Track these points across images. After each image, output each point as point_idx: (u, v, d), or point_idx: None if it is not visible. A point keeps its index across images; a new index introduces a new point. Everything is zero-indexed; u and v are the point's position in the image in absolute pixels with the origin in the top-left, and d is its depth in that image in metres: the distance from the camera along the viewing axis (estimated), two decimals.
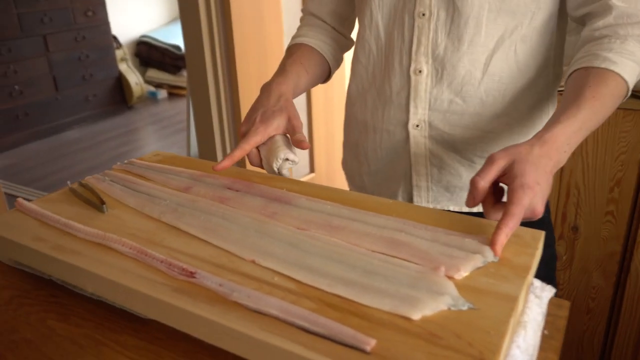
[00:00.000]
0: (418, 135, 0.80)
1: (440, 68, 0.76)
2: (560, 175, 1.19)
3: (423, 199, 0.84)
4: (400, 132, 0.82)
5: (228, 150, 2.08)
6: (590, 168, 1.16)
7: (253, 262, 0.55)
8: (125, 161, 0.82)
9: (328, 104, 2.38)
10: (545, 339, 0.52)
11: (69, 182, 0.75)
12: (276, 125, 0.76)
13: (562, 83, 0.75)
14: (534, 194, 0.57)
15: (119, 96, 4.46)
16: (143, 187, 0.73)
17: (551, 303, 0.57)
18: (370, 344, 0.43)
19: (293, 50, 0.90)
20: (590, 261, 1.23)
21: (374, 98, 0.85)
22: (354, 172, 0.94)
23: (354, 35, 0.94)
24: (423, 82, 0.78)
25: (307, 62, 0.88)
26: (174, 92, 4.90)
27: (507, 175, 0.60)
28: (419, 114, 0.79)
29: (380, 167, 0.87)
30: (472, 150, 0.80)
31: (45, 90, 3.85)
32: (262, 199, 0.67)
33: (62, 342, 0.55)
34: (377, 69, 0.83)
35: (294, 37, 0.93)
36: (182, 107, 4.65)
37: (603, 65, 0.66)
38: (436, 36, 0.75)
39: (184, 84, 4.81)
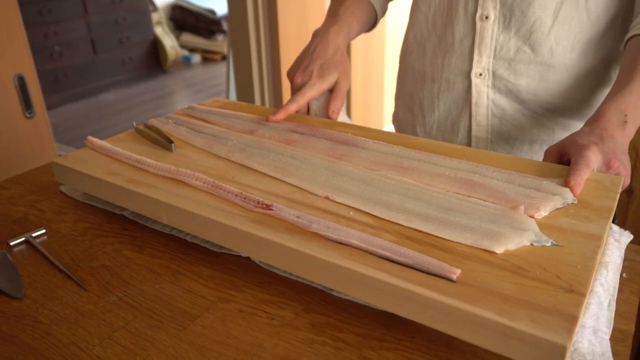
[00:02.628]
0: (480, 85, 0.79)
1: (509, 14, 0.74)
2: None
3: None
4: (461, 81, 0.81)
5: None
6: None
7: (327, 198, 0.55)
8: (186, 106, 0.83)
9: (367, 56, 2.34)
10: (624, 282, 0.52)
11: (134, 123, 0.76)
12: (331, 81, 0.77)
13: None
14: (590, 150, 0.57)
15: (154, 59, 4.48)
16: (208, 129, 0.73)
17: (628, 249, 0.56)
18: (456, 272, 0.43)
19: None
20: None
21: (434, 46, 0.83)
22: (407, 124, 0.93)
23: None
24: (489, 28, 0.76)
25: (357, 11, 0.87)
26: (207, 57, 4.90)
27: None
28: (483, 62, 0.78)
29: (437, 118, 0.86)
30: (536, 101, 0.78)
31: (83, 53, 3.90)
32: (329, 142, 0.67)
33: (139, 270, 0.57)
34: (439, 16, 0.81)
35: None
36: (215, 72, 4.65)
37: None
38: None
39: (217, 49, 4.80)
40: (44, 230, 0.63)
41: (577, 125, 0.78)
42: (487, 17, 0.75)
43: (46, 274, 0.56)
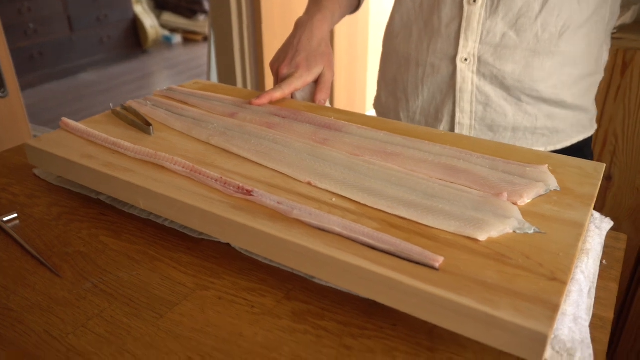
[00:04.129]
0: (465, 70, 0.78)
1: None
2: (600, 122, 1.16)
3: None
4: (446, 66, 0.80)
5: None
6: (632, 116, 1.13)
7: (309, 184, 0.54)
8: (165, 88, 0.81)
9: (351, 40, 2.32)
10: (604, 269, 0.52)
11: (111, 105, 0.73)
12: (316, 73, 0.78)
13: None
14: None
15: (134, 39, 4.38)
16: (188, 111, 0.71)
17: (608, 235, 0.56)
18: (438, 260, 0.42)
19: None
20: (622, 211, 1.22)
21: (420, 30, 0.82)
22: (389, 109, 0.92)
23: None
24: (477, 12, 0.75)
25: None
26: (188, 37, 4.81)
27: None
28: (469, 47, 0.77)
29: (420, 103, 0.85)
30: (520, 88, 0.77)
31: (59, 30, 3.79)
32: (311, 126, 0.66)
33: (116, 256, 0.55)
34: None
35: None
36: (197, 53, 4.58)
37: None
38: None
39: (199, 29, 4.71)
40: (15, 215, 0.61)
41: (560, 112, 0.78)
42: (474, 1, 0.74)
43: (18, 260, 0.54)
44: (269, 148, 0.60)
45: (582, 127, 0.81)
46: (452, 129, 0.83)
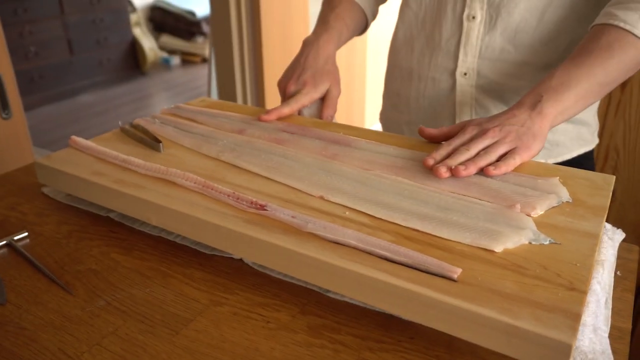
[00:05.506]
0: (465, 84, 0.79)
1: (495, 14, 0.74)
2: (600, 137, 1.17)
3: None
4: (446, 80, 0.81)
5: None
6: (632, 130, 1.14)
7: (322, 198, 0.54)
8: (173, 105, 0.81)
9: (349, 57, 2.34)
10: (619, 280, 0.52)
11: (120, 123, 0.74)
12: (323, 90, 0.79)
13: None
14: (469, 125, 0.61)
15: (133, 61, 4.41)
16: (196, 128, 0.72)
17: (620, 247, 0.56)
18: (457, 272, 0.42)
19: (335, 2, 0.88)
20: (625, 225, 1.22)
21: (422, 45, 0.83)
22: (393, 122, 0.93)
23: None
24: (475, 28, 0.76)
25: (348, 18, 0.87)
26: (187, 59, 4.84)
27: None
28: (468, 62, 0.78)
29: (422, 116, 0.86)
30: None
31: (60, 53, 3.81)
32: (321, 141, 0.66)
33: (128, 273, 0.55)
34: (429, 14, 0.81)
35: None
36: (195, 74, 4.61)
37: (603, 21, 0.64)
38: None
39: (197, 51, 4.75)
40: (26, 233, 0.61)
41: (561, 125, 0.78)
42: (473, 17, 0.75)
43: (29, 278, 0.54)
44: (280, 163, 0.61)
45: (583, 141, 0.82)
46: None
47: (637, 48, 0.62)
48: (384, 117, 0.97)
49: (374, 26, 0.96)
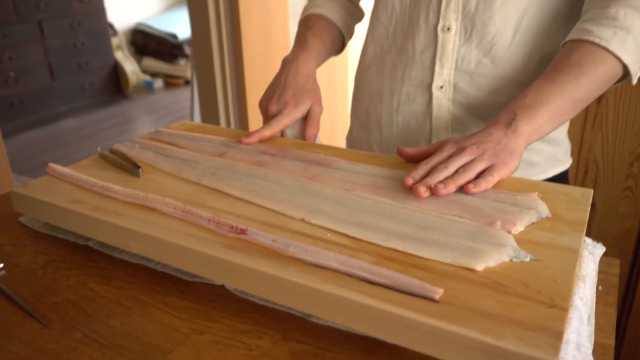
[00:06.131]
0: (442, 98, 0.78)
1: (470, 25, 0.74)
2: (579, 151, 1.19)
3: None
4: (422, 94, 0.80)
5: None
6: (610, 143, 1.16)
7: (302, 220, 0.54)
8: (153, 130, 0.81)
9: (331, 77, 2.35)
10: (601, 295, 0.52)
11: (99, 149, 0.73)
12: (304, 109, 0.79)
13: None
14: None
15: (115, 85, 4.40)
16: (177, 153, 0.71)
17: (601, 261, 0.56)
18: (438, 292, 0.42)
19: (312, 22, 0.88)
20: (607, 238, 1.24)
21: (394, 59, 0.82)
22: (361, 141, 0.91)
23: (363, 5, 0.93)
24: (451, 40, 0.76)
25: (325, 36, 0.87)
26: (170, 82, 4.85)
27: None
28: (444, 75, 0.77)
29: (395, 133, 0.84)
30: (495, 116, 0.78)
31: (40, 78, 3.79)
32: (301, 163, 0.66)
33: (107, 303, 0.54)
34: (400, 28, 0.81)
35: (308, 7, 0.91)
36: (178, 97, 4.61)
37: (577, 37, 0.65)
38: None
39: (180, 73, 4.76)
40: (1, 265, 0.60)
41: (535, 145, 0.78)
42: (448, 29, 0.75)
43: (4, 312, 0.53)
44: (260, 186, 0.60)
45: (557, 161, 0.82)
46: None
47: (606, 64, 0.63)
48: (350, 138, 0.95)
49: (355, 45, 0.97)
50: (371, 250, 0.49)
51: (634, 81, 0.66)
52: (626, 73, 0.65)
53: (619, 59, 0.63)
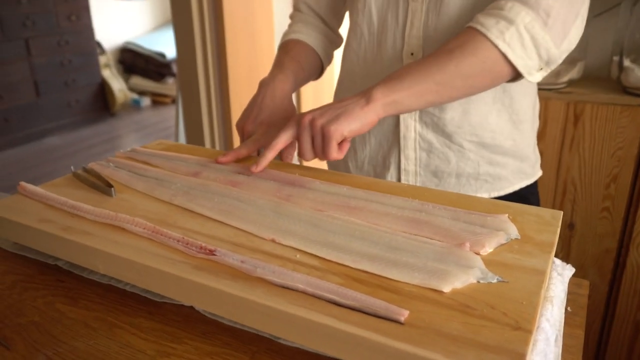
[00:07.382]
0: (408, 118, 0.80)
1: (431, 50, 0.76)
2: (557, 172, 1.20)
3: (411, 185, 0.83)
4: (390, 115, 0.81)
5: None
6: (587, 164, 1.17)
7: (273, 241, 0.54)
8: (129, 149, 0.81)
9: (317, 99, 2.38)
10: (569, 316, 0.52)
11: (72, 167, 0.72)
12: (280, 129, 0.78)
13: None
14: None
15: (102, 103, 4.39)
16: (151, 172, 0.71)
17: (570, 282, 0.57)
18: (404, 314, 0.42)
19: (289, 46, 0.89)
20: (587, 258, 1.25)
21: (365, 82, 0.84)
22: (339, 161, 0.92)
23: (342, 30, 0.94)
24: None
25: (303, 60, 0.88)
26: (157, 100, 4.85)
27: None
28: None
29: (368, 152, 0.86)
30: (461, 134, 0.79)
31: (26, 96, 3.77)
32: (275, 183, 0.66)
33: (72, 324, 0.53)
34: (369, 52, 0.83)
35: (287, 33, 0.92)
36: (165, 115, 4.61)
37: (468, 24, 0.67)
38: (427, 18, 0.75)
39: (167, 92, 4.77)
40: None
41: (502, 159, 0.80)
42: (412, 54, 0.77)
43: None
44: (233, 206, 0.60)
45: (524, 174, 0.84)
46: (398, 175, 0.84)
47: (483, 52, 0.64)
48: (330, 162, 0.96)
49: (338, 68, 0.98)
50: (340, 271, 0.49)
51: (529, 78, 0.67)
52: (515, 68, 0.66)
53: (496, 47, 0.64)
